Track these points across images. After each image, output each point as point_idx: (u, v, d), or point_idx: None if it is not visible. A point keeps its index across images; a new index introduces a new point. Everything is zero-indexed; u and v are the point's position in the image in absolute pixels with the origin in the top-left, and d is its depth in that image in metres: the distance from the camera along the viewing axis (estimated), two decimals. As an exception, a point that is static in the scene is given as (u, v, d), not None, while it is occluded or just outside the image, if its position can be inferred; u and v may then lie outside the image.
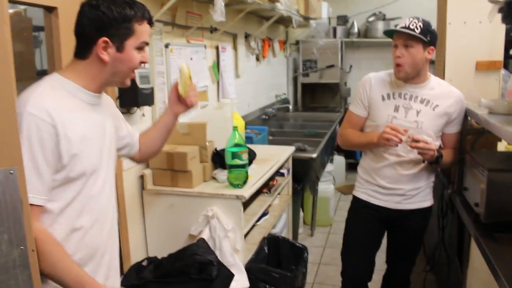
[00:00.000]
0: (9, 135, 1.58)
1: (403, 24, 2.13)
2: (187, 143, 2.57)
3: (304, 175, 3.77)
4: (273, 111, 5.13)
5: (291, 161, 3.46)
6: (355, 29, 6.16)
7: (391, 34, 2.19)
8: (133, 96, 2.33)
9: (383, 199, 2.31)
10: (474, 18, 2.70)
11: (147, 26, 1.40)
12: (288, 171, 3.44)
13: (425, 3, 5.54)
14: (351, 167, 5.78)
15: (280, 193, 3.30)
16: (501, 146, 2.45)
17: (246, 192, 2.41)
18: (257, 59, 4.69)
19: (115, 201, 1.59)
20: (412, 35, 2.08)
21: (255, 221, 2.78)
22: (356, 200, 2.44)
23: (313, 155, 3.64)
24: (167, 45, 2.74)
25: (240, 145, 2.45)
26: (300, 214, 4.09)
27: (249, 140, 3.54)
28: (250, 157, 2.66)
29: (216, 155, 2.67)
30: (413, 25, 2.10)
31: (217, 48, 3.55)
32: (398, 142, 2.03)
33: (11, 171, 1.58)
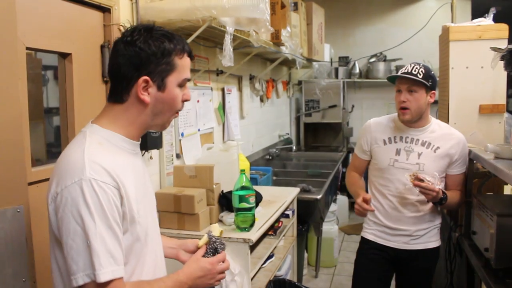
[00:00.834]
0: (18, 175, 1.62)
1: (405, 70, 2.20)
2: (194, 186, 2.57)
3: (308, 216, 3.76)
4: (277, 151, 5.15)
5: (296, 202, 3.45)
6: (357, 69, 6.26)
7: (394, 80, 2.25)
8: (142, 139, 2.34)
9: (390, 239, 2.33)
10: (476, 63, 2.76)
11: (187, 59, 1.27)
12: (293, 212, 3.43)
13: (425, 45, 5.67)
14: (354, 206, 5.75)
15: (285, 234, 3.28)
16: (508, 189, 2.46)
17: (253, 236, 2.40)
18: (261, 100, 4.75)
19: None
20: (416, 80, 2.14)
21: (261, 264, 2.76)
22: (364, 241, 2.45)
23: (318, 196, 3.64)
24: (175, 88, 2.78)
25: (247, 188, 2.46)
26: (304, 255, 4.05)
27: (254, 181, 3.54)
28: (256, 200, 2.66)
29: (222, 197, 2.67)
30: (415, 71, 2.16)
31: (223, 90, 3.61)
32: (364, 216, 2.31)
33: (18, 209, 1.61)
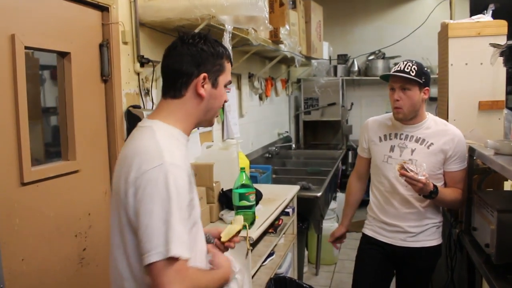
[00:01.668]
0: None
1: (398, 67, 2.20)
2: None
3: (308, 213, 3.76)
4: (276, 149, 5.15)
5: (296, 200, 3.45)
6: (355, 67, 6.26)
7: (387, 78, 2.25)
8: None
9: (388, 235, 2.34)
10: (475, 59, 2.75)
11: (230, 65, 1.43)
12: (293, 210, 3.43)
13: (424, 42, 5.67)
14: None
15: (285, 232, 3.28)
16: (508, 185, 2.46)
17: (254, 234, 2.40)
18: (260, 98, 4.75)
19: None
20: (409, 79, 2.14)
21: (261, 262, 2.76)
22: (364, 236, 2.47)
23: (318, 193, 3.64)
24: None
25: (247, 186, 2.46)
26: (305, 253, 4.05)
27: (253, 179, 3.53)
28: (256, 197, 2.66)
29: (222, 195, 2.67)
30: (408, 68, 2.16)
31: (222, 88, 3.59)
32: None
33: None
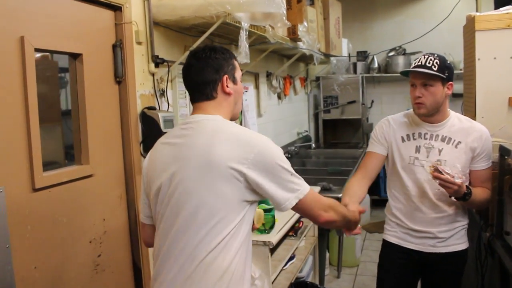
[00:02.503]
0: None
1: (419, 62, 2.06)
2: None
3: (330, 215, 3.66)
4: (296, 149, 5.07)
5: (316, 201, 3.35)
6: (375, 64, 6.12)
7: (407, 74, 2.13)
8: (156, 140, 2.28)
9: (415, 242, 2.20)
10: (504, 53, 2.61)
11: (237, 62, 1.67)
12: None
13: (447, 37, 5.51)
14: (376, 204, 5.65)
15: (306, 235, 3.19)
16: (541, 186, 2.33)
17: (274, 238, 2.32)
18: (279, 97, 4.66)
19: None
20: (431, 74, 2.02)
21: (282, 266, 2.68)
22: (386, 244, 2.32)
23: (339, 194, 3.52)
24: (190, 87, 2.72)
25: (266, 188, 2.38)
26: (326, 255, 3.96)
27: (273, 180, 3.45)
28: (276, 200, 2.58)
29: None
30: (429, 63, 2.03)
31: (239, 88, 3.52)
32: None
33: (0, 190, 1.56)
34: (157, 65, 2.45)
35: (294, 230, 2.97)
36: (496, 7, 2.88)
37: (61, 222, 1.90)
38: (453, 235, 2.17)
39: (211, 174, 1.43)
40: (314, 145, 5.73)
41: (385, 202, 2.38)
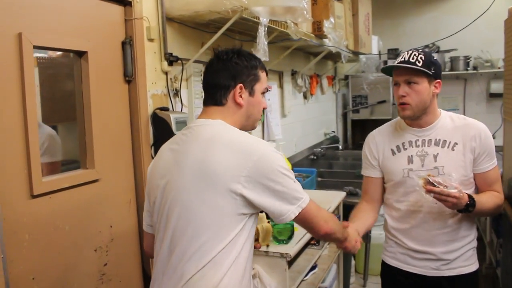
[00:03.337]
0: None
1: (402, 58, 1.86)
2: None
3: (356, 221, 3.47)
4: (322, 150, 4.89)
5: (341, 207, 3.18)
6: (407, 62, 5.86)
7: (389, 71, 1.92)
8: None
9: (416, 264, 1.96)
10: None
11: (265, 74, 1.57)
12: (339, 218, 3.16)
13: (484, 34, 5.23)
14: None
15: (329, 243, 3.01)
16: None
17: (292, 250, 2.16)
18: (305, 96, 4.49)
19: None
20: (415, 70, 1.81)
21: (302, 278, 2.51)
22: (385, 265, 2.10)
23: (365, 200, 3.35)
24: (207, 87, 2.59)
25: (285, 195, 2.22)
26: (352, 262, 3.78)
27: (295, 184, 3.29)
28: (296, 207, 2.42)
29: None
30: (413, 59, 1.82)
31: (261, 87, 3.38)
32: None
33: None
34: (170, 63, 2.33)
35: (316, 239, 2.80)
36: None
37: (62, 230, 1.80)
38: (459, 257, 1.91)
39: (205, 186, 1.35)
40: (341, 146, 5.54)
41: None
